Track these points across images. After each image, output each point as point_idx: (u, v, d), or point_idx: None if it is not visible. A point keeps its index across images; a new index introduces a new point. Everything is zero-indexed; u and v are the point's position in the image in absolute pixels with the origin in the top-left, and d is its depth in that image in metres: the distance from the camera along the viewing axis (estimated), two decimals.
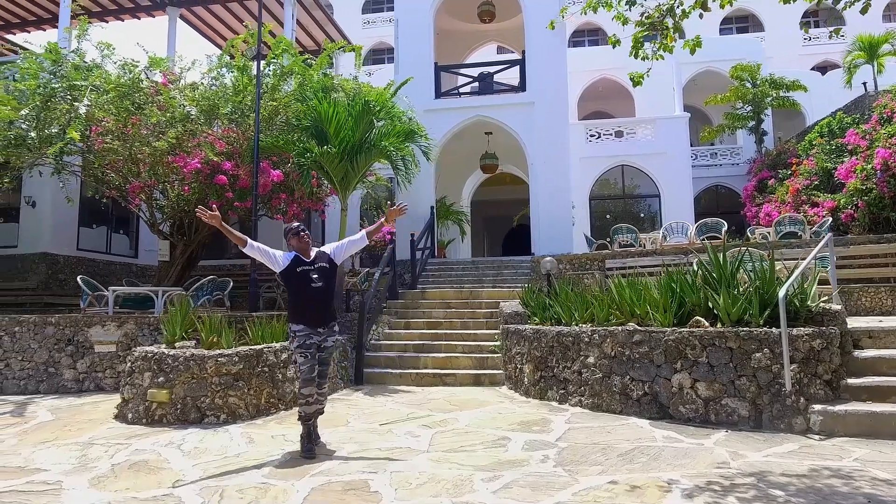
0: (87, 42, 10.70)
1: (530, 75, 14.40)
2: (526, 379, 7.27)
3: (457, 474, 4.16)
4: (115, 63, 10.06)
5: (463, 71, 16.04)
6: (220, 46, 19.67)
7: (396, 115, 10.22)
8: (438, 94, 15.02)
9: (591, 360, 6.33)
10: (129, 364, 6.28)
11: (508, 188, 21.23)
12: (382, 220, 5.21)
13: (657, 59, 4.89)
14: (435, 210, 14.82)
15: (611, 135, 19.61)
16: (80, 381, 8.13)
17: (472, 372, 8.35)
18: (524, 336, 7.41)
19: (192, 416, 5.88)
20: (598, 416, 5.89)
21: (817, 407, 4.99)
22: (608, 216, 19.52)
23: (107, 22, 20.28)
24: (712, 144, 22.61)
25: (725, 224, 12.44)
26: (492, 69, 15.27)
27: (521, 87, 14.60)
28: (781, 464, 4.15)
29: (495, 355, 8.60)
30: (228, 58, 10.70)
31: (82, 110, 8.79)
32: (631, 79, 4.90)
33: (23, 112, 8.92)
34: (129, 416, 6.03)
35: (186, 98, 9.92)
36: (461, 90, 15.67)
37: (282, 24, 18.71)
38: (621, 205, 19.82)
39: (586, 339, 6.41)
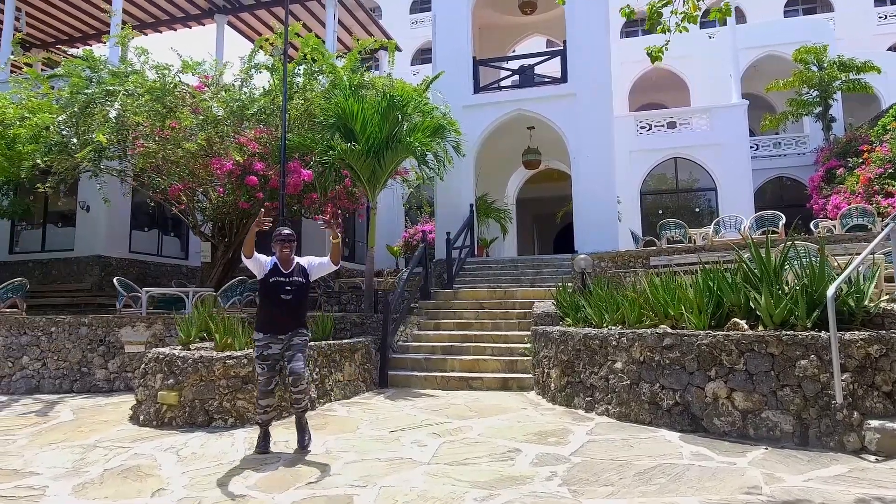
0: (131, 51, 10.95)
1: (571, 65, 13.81)
2: (552, 384, 6.82)
3: (449, 491, 3.80)
4: (150, 68, 10.21)
5: (502, 65, 15.60)
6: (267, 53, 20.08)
7: (427, 111, 9.92)
8: (477, 89, 14.64)
9: (618, 365, 5.82)
10: (143, 365, 6.24)
11: (556, 185, 20.58)
12: (334, 241, 5.01)
13: (681, 32, 4.38)
14: (475, 208, 14.45)
15: (663, 126, 18.69)
16: (111, 381, 8.25)
17: (500, 376, 7.95)
18: (551, 338, 6.96)
19: (199, 420, 5.76)
20: (624, 427, 5.39)
21: (874, 423, 4.34)
22: (660, 212, 18.60)
23: (160, 32, 21.00)
24: (776, 133, 21.23)
25: (783, 217, 11.51)
26: (532, 61, 14.75)
27: (563, 78, 14.02)
28: (823, 491, 3.58)
29: (526, 358, 8.17)
30: (260, 57, 10.70)
31: (112, 114, 8.93)
32: (649, 54, 4.41)
33: (61, 118, 9.15)
34: (141, 417, 5.99)
35: (217, 100, 9.96)
36: (501, 84, 15.22)
37: (323, 25, 18.83)
38: (675, 199, 18.85)
39: (614, 343, 5.91)
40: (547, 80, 14.42)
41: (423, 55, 32.25)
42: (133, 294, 9.64)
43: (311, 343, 7.03)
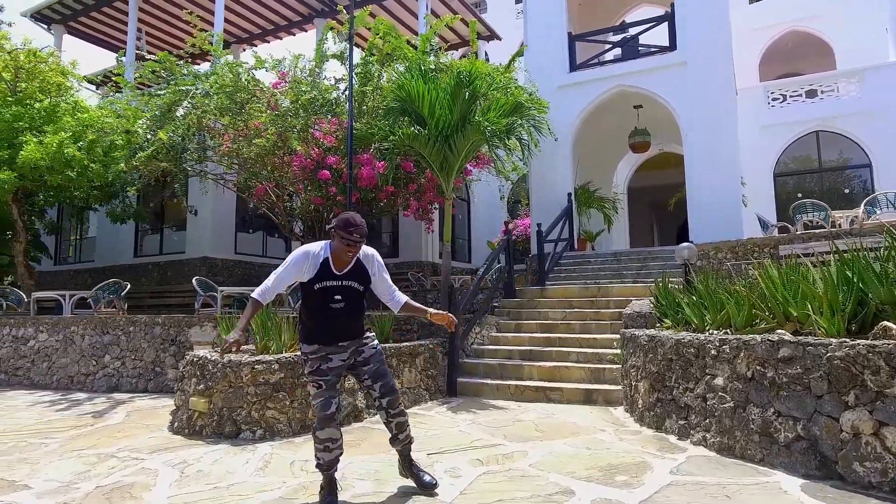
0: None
1: (681, 30, 12.09)
2: (640, 401, 5.57)
3: None
4: (228, 69, 10.16)
5: (601, 38, 14.12)
6: (362, 48, 20.05)
7: (502, 87, 8.91)
8: (574, 66, 13.33)
9: (718, 381, 4.50)
10: (180, 368, 5.89)
11: (674, 171, 18.56)
12: (428, 313, 3.71)
13: None
14: (573, 197, 13.15)
15: (800, 96, 16.07)
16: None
17: (583, 387, 6.78)
18: (639, 344, 5.72)
19: (227, 430, 5.26)
20: (725, 466, 4.09)
21: None
22: (800, 195, 16.01)
23: (267, 42, 21.74)
24: None
25: None
26: (634, 31, 13.16)
27: (672, 45, 12.32)
28: None
29: (615, 366, 6.93)
30: (331, 43, 10.30)
31: (180, 113, 8.89)
32: None
33: (140, 121, 9.31)
34: (176, 424, 5.62)
35: (289, 94, 9.66)
36: (601, 59, 13.74)
37: (416, 17, 18.38)
38: (818, 180, 16.12)
39: (712, 352, 4.59)
40: (654, 49, 12.76)
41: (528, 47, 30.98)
42: (211, 293, 9.59)
43: None
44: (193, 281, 9.83)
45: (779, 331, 4.36)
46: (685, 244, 7.22)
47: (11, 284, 13.47)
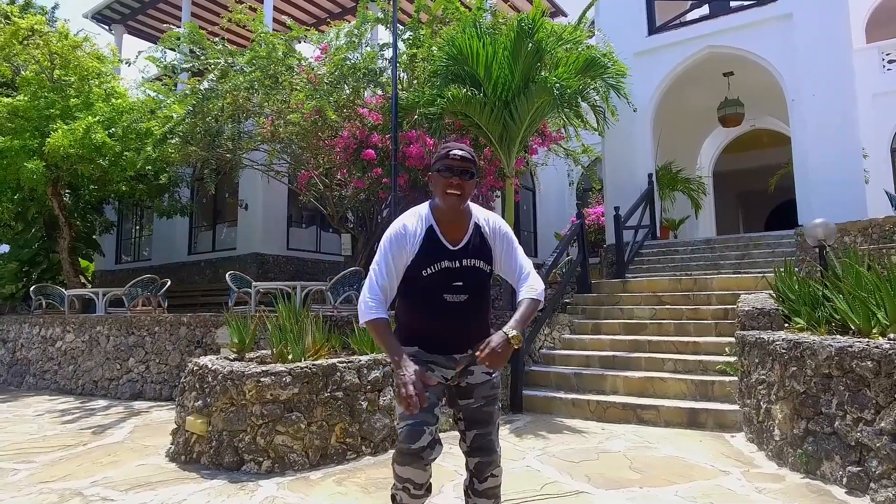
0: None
1: None
2: (777, 430, 4.05)
3: None
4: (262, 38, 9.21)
5: None
6: (409, 15, 19.02)
7: (574, 40, 7.47)
8: (653, 28, 11.65)
9: None
10: (181, 379, 4.82)
11: (767, 152, 16.43)
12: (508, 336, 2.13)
13: None
14: (654, 179, 11.48)
15: None
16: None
17: (685, 405, 5.27)
18: (771, 352, 4.19)
19: (226, 460, 4.12)
20: None
21: None
22: None
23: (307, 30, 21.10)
24: None
25: None
26: None
27: None
28: None
29: (727, 379, 5.38)
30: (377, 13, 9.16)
31: (204, 85, 7.97)
32: None
33: (182, 111, 8.49)
34: (172, 449, 4.54)
35: (327, 65, 8.59)
36: (683, 20, 11.98)
37: None
38: None
39: None
40: (749, 2, 10.90)
41: (593, 24, 29.05)
42: (245, 289, 8.64)
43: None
44: (227, 276, 8.91)
45: None
46: (819, 220, 5.56)
47: (61, 283, 13.12)
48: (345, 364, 4.46)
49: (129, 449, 4.89)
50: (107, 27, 19.66)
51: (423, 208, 2.27)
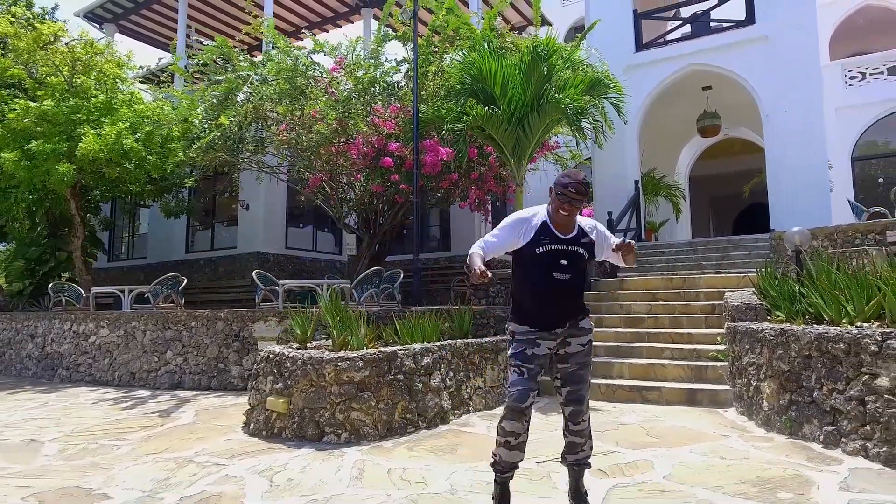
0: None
1: (761, 2, 11.23)
2: (765, 402, 4.93)
3: None
4: (284, 54, 9.82)
5: (669, 15, 13.33)
6: (424, 28, 19.67)
7: (578, 63, 8.31)
8: (640, 45, 12.59)
9: (883, 382, 3.85)
10: (254, 366, 5.49)
11: (739, 159, 17.57)
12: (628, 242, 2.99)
13: None
14: (640, 185, 12.44)
15: (881, 73, 14.91)
16: (245, 379, 7.79)
17: (684, 386, 6.14)
18: (760, 339, 5.07)
19: (309, 433, 4.83)
20: None
21: None
22: (881, 180, 14.90)
23: (314, 34, 21.52)
24: None
25: None
26: (706, 5, 12.34)
27: (749, 19, 11.47)
28: None
29: (718, 364, 6.27)
30: (389, 30, 9.84)
31: (240, 98, 8.56)
32: None
33: (198, 109, 9.03)
34: (252, 426, 5.22)
35: (348, 77, 9.25)
36: (667, 38, 12.96)
37: (467, 5, 17.83)
38: None
39: (873, 348, 3.93)
40: (728, 24, 11.92)
41: (576, 34, 30.07)
42: (271, 287, 9.27)
43: (447, 342, 5.88)
44: (254, 274, 9.51)
45: None
46: (797, 228, 6.49)
47: (70, 280, 13.47)
48: (403, 351, 5.21)
49: (206, 428, 5.54)
50: (98, 26, 19.79)
51: (543, 208, 3.05)
